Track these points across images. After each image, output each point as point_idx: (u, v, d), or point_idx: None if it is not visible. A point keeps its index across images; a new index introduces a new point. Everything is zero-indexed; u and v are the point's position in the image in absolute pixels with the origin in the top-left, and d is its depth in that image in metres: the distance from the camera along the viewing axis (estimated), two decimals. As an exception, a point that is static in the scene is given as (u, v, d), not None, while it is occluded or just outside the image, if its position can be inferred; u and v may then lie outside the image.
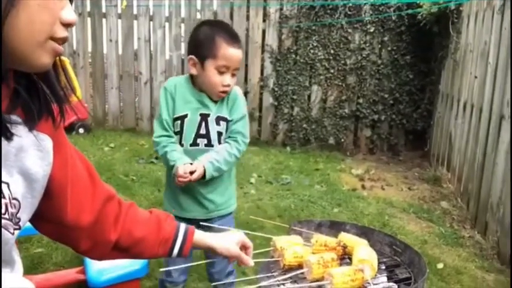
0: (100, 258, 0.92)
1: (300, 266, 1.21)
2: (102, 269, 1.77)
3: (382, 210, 3.39)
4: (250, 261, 1.04)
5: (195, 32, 1.65)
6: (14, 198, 0.62)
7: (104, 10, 5.42)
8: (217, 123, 1.61)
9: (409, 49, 5.07)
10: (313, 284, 1.14)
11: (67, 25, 0.61)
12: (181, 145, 1.62)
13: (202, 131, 1.59)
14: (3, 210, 0.60)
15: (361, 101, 5.25)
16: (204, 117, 1.60)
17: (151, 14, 5.39)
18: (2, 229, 0.60)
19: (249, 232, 1.57)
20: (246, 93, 5.43)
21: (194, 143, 1.59)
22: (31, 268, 2.24)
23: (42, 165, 0.67)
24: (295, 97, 5.31)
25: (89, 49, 5.56)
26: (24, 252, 2.38)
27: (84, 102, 5.29)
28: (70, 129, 4.96)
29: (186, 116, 1.59)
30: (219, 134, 1.61)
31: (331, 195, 3.69)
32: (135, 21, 5.42)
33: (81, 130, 5.15)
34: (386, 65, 5.16)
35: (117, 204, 0.88)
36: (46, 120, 0.68)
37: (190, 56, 1.60)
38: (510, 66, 2.72)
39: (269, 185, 3.88)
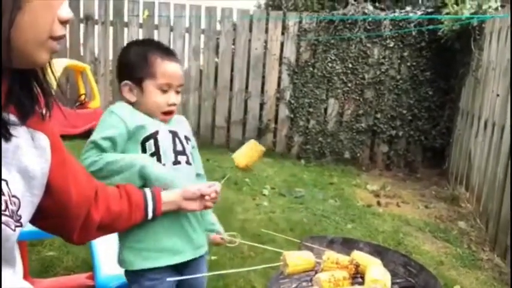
0: (83, 242, 0.91)
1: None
2: (111, 275, 1.76)
3: (398, 228, 3.31)
4: (216, 186, 1.20)
5: (124, 54, 1.38)
6: (14, 196, 0.63)
7: (126, 19, 5.53)
8: (187, 142, 1.38)
9: (429, 65, 5.01)
10: (323, 303, 1.10)
11: (64, 22, 0.62)
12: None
13: (179, 148, 1.34)
14: (3, 207, 0.60)
15: (378, 115, 5.19)
16: (174, 134, 1.36)
17: (172, 24, 5.48)
18: (3, 225, 0.60)
19: (260, 245, 1.55)
20: (262, 105, 5.44)
21: (176, 161, 1.31)
22: (41, 272, 2.25)
23: (40, 163, 0.68)
24: (311, 110, 5.29)
25: (110, 57, 5.67)
26: (36, 255, 2.39)
27: (102, 109, 5.38)
28: (88, 135, 5.03)
29: (157, 132, 1.30)
30: (191, 153, 1.39)
31: (345, 210, 3.62)
32: (155, 31, 5.51)
33: (98, 136, 5.21)
34: (406, 80, 5.10)
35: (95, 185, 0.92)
36: (41, 119, 0.69)
37: (124, 82, 1.33)
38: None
39: (282, 198, 3.84)
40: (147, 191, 1.06)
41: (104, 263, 1.85)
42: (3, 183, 0.61)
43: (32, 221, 0.74)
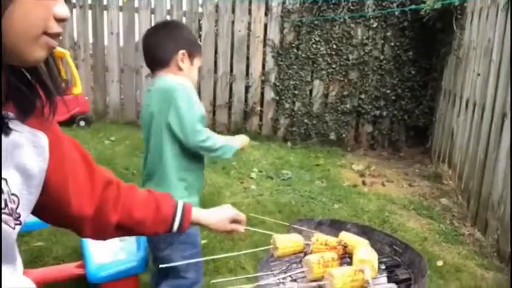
0: (103, 239, 0.95)
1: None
2: (101, 264, 1.77)
3: (383, 207, 3.39)
4: (241, 228, 1.20)
5: (186, 29, 1.72)
6: (13, 194, 0.63)
7: (105, 2, 5.39)
8: None
9: (412, 45, 5.04)
10: (313, 284, 1.14)
11: (61, 20, 0.61)
12: None
13: None
14: (2, 206, 0.60)
15: (363, 96, 5.23)
16: None
17: (152, 7, 5.36)
18: (3, 224, 0.61)
19: (249, 228, 1.57)
20: (247, 88, 5.42)
21: None
22: (31, 262, 2.24)
23: (38, 161, 0.68)
24: (296, 92, 5.29)
25: (90, 41, 5.54)
26: (24, 246, 2.38)
27: (84, 95, 5.28)
28: (71, 122, 4.96)
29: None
30: None
31: (332, 191, 3.68)
32: (136, 14, 5.40)
33: (82, 123, 5.15)
34: (389, 60, 5.13)
35: (116, 187, 0.90)
36: (40, 117, 0.68)
37: (183, 50, 1.57)
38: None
39: (270, 180, 3.87)
40: (179, 205, 1.02)
41: (94, 252, 1.85)
42: (2, 181, 0.61)
43: (40, 216, 0.78)
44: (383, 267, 1.29)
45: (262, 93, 5.40)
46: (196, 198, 1.65)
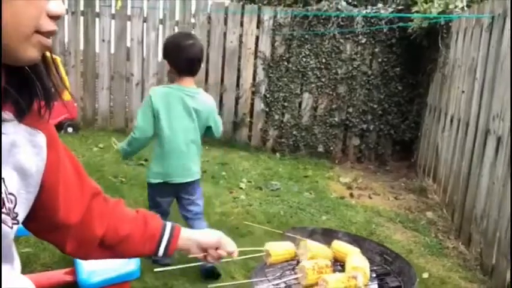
0: (85, 257, 0.91)
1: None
2: (93, 270, 1.77)
3: (370, 219, 3.45)
4: (235, 251, 1.02)
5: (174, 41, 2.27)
6: (10, 193, 0.63)
7: (97, 9, 5.40)
8: None
9: (399, 61, 5.18)
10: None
11: (55, 17, 0.60)
12: None
13: None
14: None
15: (350, 110, 5.32)
16: None
17: (145, 15, 5.40)
18: (2, 223, 0.61)
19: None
20: (237, 98, 5.46)
21: None
22: (18, 268, 2.21)
23: (36, 161, 0.68)
24: (286, 104, 5.36)
25: (81, 48, 5.53)
26: (11, 252, 2.34)
27: (74, 101, 5.25)
28: (59, 128, 4.91)
29: None
30: None
31: (320, 202, 3.73)
32: (128, 22, 5.42)
33: (70, 129, 5.11)
34: (376, 76, 5.25)
35: (103, 201, 0.87)
36: (38, 117, 0.68)
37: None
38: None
39: (259, 191, 3.90)
40: (168, 226, 0.95)
41: (85, 258, 1.84)
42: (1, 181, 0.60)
43: (24, 222, 0.73)
44: (374, 275, 1.33)
45: (252, 104, 5.45)
46: None
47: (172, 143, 2.21)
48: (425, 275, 2.60)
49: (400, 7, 5.03)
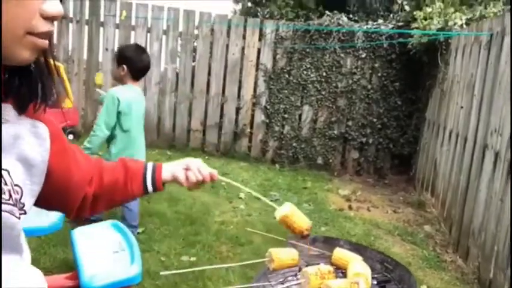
0: (80, 217, 0.92)
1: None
2: (94, 274, 1.77)
3: (368, 231, 3.46)
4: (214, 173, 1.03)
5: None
6: (16, 185, 0.64)
7: (102, 19, 5.48)
8: None
9: (399, 76, 5.25)
10: (310, 294, 1.18)
11: (50, 18, 0.59)
12: None
13: None
14: (6, 197, 0.62)
15: (350, 123, 5.37)
16: None
17: (149, 26, 5.47)
18: (8, 214, 0.62)
19: (223, 179, 1.61)
20: (238, 109, 5.51)
21: None
22: (18, 272, 2.21)
23: (40, 151, 0.69)
24: (286, 116, 5.41)
25: (84, 57, 5.59)
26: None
27: (75, 108, 5.29)
28: (60, 135, 4.93)
29: None
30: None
31: (319, 214, 3.74)
32: (132, 32, 5.49)
33: (70, 136, 5.13)
34: (376, 90, 5.32)
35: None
36: (40, 109, 0.69)
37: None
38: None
39: (258, 201, 3.91)
40: (149, 163, 0.97)
41: (87, 263, 1.86)
42: (5, 172, 0.62)
43: (36, 202, 0.76)
44: (374, 282, 1.35)
45: (252, 116, 5.50)
46: None
47: (137, 139, 2.57)
48: (423, 288, 2.61)
49: (400, 23, 5.12)
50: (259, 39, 5.38)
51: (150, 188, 0.94)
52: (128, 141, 2.51)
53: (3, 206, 0.61)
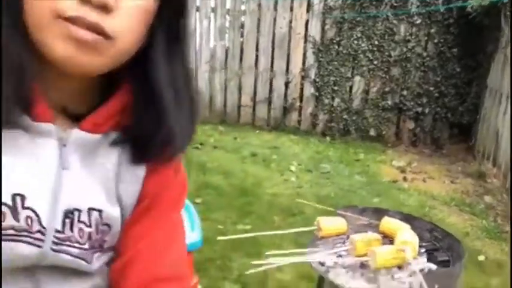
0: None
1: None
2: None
3: (423, 202, 3.40)
4: None
5: None
6: (105, 224, 0.56)
7: None
8: None
9: (457, 42, 4.94)
10: (357, 259, 1.24)
11: (85, 1, 0.44)
12: None
13: None
14: (84, 240, 0.53)
15: (405, 93, 5.19)
16: None
17: (197, 4, 5.56)
18: (79, 260, 0.53)
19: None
20: (287, 84, 5.51)
21: None
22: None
23: (133, 191, 0.58)
24: (336, 88, 5.33)
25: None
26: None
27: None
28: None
29: None
30: None
31: (371, 185, 3.73)
32: (182, 12, 5.61)
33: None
34: (432, 57, 5.06)
35: None
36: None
37: None
38: None
39: (309, 173, 3.97)
40: None
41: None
42: (95, 212, 0.54)
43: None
44: (423, 250, 1.37)
45: (301, 89, 5.48)
46: None
47: None
48: (481, 258, 2.56)
49: (458, -16, 4.79)
50: (307, 11, 5.28)
51: None
52: None
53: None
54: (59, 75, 0.50)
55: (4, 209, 0.47)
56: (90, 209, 0.53)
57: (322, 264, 1.29)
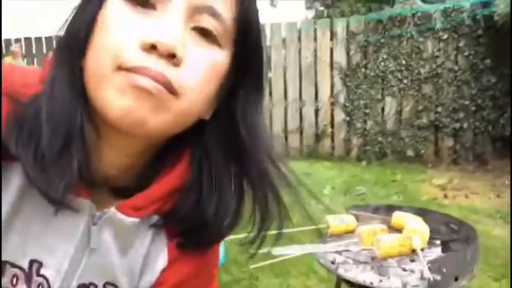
0: None
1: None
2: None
3: (465, 216, 3.19)
4: None
5: None
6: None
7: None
8: None
9: (489, 52, 4.80)
10: (363, 250, 1.21)
11: (150, 48, 0.39)
12: None
13: None
14: None
15: (439, 109, 5.04)
16: None
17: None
18: None
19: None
20: (317, 111, 5.54)
21: None
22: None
23: (150, 276, 0.53)
24: (367, 111, 5.29)
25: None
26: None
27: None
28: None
29: None
30: None
31: (409, 204, 3.55)
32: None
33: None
34: (465, 71, 4.93)
35: None
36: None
37: None
38: None
39: (343, 196, 3.89)
40: None
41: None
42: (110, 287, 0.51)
43: None
44: (438, 242, 1.31)
45: (332, 115, 5.48)
46: None
47: None
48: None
49: (482, -5, 4.73)
50: (331, 39, 5.39)
51: None
52: None
53: None
54: (111, 142, 0.44)
55: (18, 272, 0.45)
56: (107, 283, 0.50)
57: (332, 262, 1.27)
